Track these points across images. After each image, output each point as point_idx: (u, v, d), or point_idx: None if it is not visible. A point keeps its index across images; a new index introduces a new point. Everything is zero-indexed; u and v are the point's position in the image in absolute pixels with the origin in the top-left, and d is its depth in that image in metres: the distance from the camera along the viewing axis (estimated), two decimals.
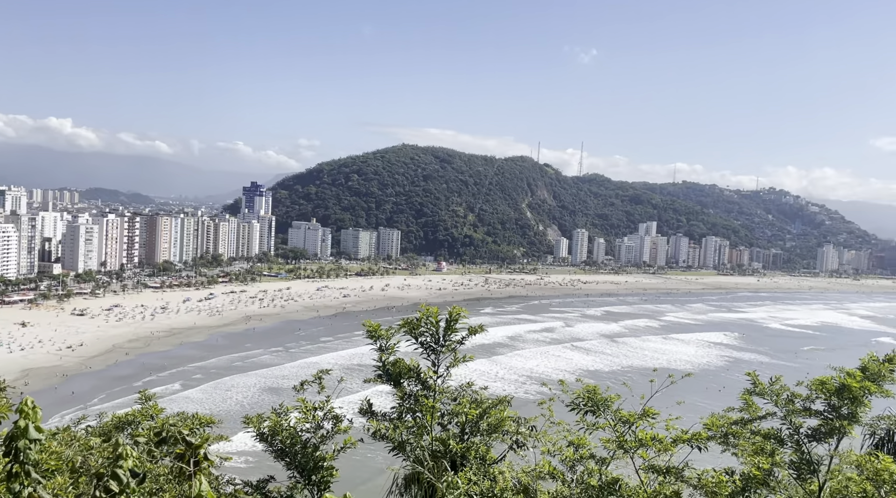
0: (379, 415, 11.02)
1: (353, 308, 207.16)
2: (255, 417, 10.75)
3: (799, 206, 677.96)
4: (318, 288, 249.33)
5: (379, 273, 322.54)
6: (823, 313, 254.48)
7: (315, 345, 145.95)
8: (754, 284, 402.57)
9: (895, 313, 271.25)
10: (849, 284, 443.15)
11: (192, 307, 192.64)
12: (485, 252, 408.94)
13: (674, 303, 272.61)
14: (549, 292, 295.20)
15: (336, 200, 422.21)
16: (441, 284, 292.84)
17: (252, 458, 58.12)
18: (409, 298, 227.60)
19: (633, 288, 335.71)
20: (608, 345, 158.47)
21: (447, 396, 11.11)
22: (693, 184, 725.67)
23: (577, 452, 10.84)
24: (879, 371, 10.35)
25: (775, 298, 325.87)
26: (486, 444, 10.52)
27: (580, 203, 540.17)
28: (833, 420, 10.18)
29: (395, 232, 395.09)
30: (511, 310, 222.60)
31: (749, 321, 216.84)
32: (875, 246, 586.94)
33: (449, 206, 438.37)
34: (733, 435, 10.97)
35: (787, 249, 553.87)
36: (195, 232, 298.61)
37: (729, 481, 10.19)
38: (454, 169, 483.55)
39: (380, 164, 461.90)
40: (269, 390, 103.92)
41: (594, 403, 11.19)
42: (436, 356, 11.04)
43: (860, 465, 9.68)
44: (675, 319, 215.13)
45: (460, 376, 11.78)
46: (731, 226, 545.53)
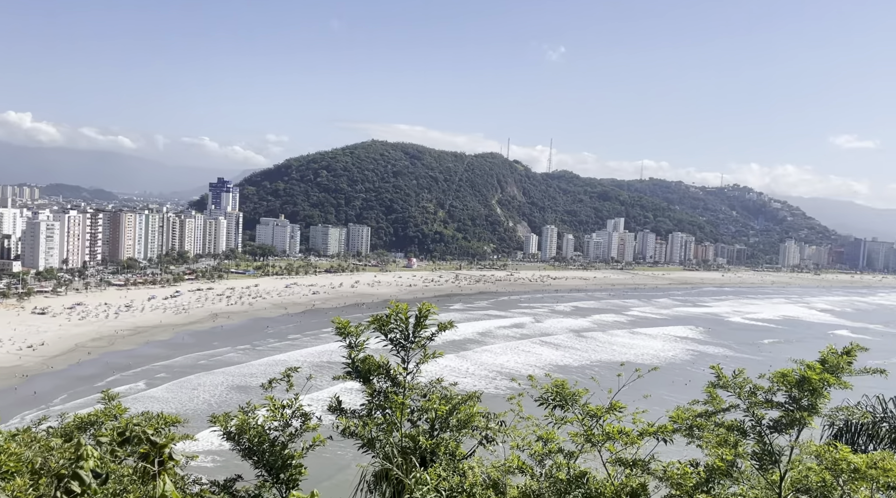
0: (348, 412, 10.97)
1: (322, 305, 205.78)
2: (221, 415, 10.62)
3: (762, 203, 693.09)
4: (287, 285, 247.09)
5: (349, 270, 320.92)
6: (785, 307, 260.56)
7: (283, 342, 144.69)
8: (719, 279, 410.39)
9: (852, 307, 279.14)
10: (809, 279, 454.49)
11: (158, 305, 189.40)
12: (455, 248, 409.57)
13: (641, 298, 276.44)
14: (518, 288, 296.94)
15: (305, 197, 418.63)
16: (411, 281, 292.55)
17: (219, 457, 57.41)
18: (379, 295, 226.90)
19: (601, 283, 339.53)
20: (577, 340, 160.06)
21: (417, 393, 11.10)
22: (660, 180, 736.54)
23: (545, 447, 10.93)
24: (838, 363, 10.62)
25: (739, 292, 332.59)
26: (456, 439, 10.54)
27: (549, 199, 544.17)
28: (794, 411, 10.42)
29: (364, 228, 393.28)
30: (481, 306, 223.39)
31: (714, 316, 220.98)
32: (834, 241, 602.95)
33: (419, 203, 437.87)
34: (698, 427, 11.16)
35: (750, 244, 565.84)
36: (160, 228, 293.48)
37: (693, 473, 10.37)
38: (424, 165, 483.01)
39: (349, 160, 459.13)
40: (236, 389, 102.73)
41: (562, 398, 11.29)
42: (405, 353, 11.02)
43: (819, 455, 9.92)
44: (642, 314, 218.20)
45: (430, 372, 11.79)
46: (696, 222, 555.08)
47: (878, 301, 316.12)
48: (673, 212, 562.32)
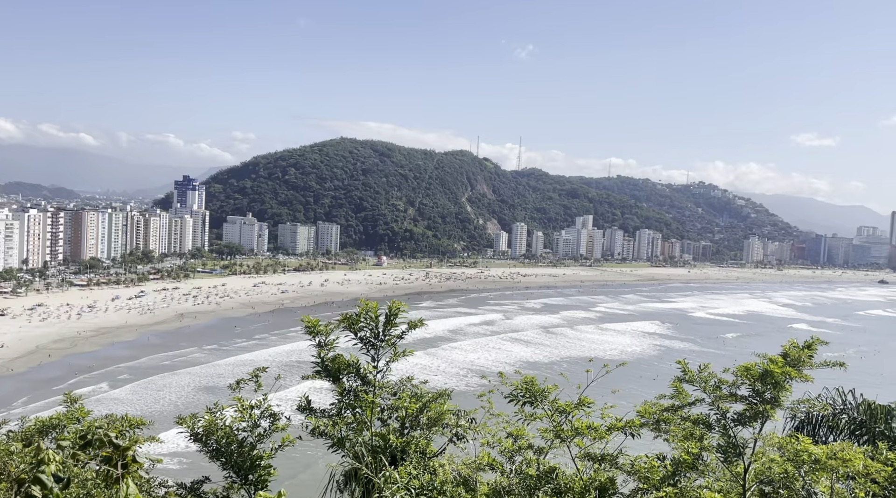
0: (318, 411, 10.89)
1: (291, 304, 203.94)
2: (188, 416, 10.46)
3: (727, 200, 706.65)
4: (255, 284, 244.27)
5: (318, 268, 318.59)
6: (749, 302, 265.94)
7: (252, 342, 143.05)
8: (685, 276, 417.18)
9: (812, 301, 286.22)
10: (772, 275, 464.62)
11: (122, 305, 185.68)
12: (425, 246, 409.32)
13: (609, 294, 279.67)
14: (489, 286, 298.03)
15: (273, 194, 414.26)
16: (381, 279, 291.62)
17: (186, 459, 56.58)
18: (349, 294, 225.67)
19: (570, 280, 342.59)
20: (547, 336, 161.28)
21: (387, 391, 11.08)
22: (627, 178, 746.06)
23: (515, 443, 11.00)
24: (799, 357, 10.89)
25: (705, 288, 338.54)
26: (427, 437, 10.55)
27: (519, 197, 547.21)
28: (757, 405, 10.65)
29: (334, 226, 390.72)
30: (452, 303, 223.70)
31: (680, 311, 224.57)
32: (796, 237, 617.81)
33: (389, 201, 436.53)
34: (664, 421, 11.34)
35: (715, 241, 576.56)
36: (124, 227, 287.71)
37: (660, 466, 10.54)
38: (394, 163, 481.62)
39: (318, 158, 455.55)
40: (204, 389, 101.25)
41: (532, 394, 11.38)
42: (375, 351, 10.98)
43: (782, 446, 10.16)
44: (610, 310, 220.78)
45: (401, 371, 11.78)
46: (663, 219, 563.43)
47: (836, 296, 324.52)
48: (640, 209, 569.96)
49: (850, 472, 9.66)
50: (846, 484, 10.13)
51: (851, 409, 15.23)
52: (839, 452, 9.62)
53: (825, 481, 9.89)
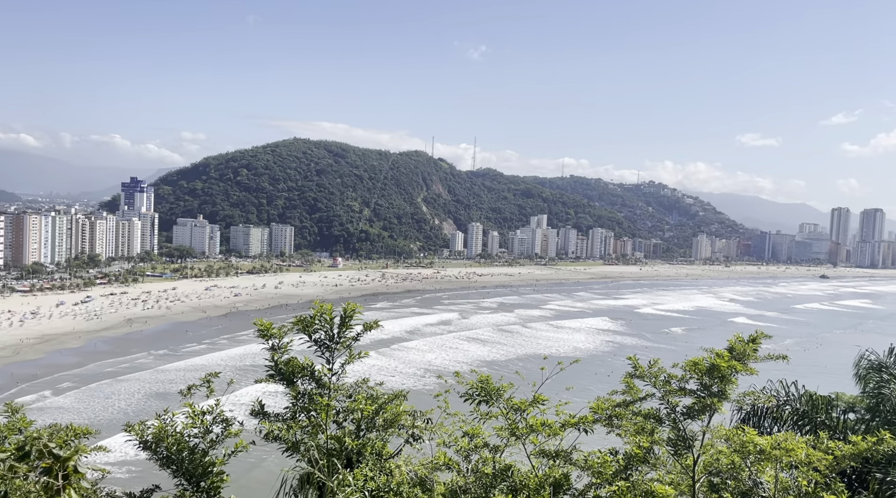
0: (271, 416, 10.73)
1: (244, 307, 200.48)
2: (137, 424, 10.18)
3: (676, 199, 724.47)
4: (207, 287, 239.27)
5: (272, 270, 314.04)
6: (697, 298, 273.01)
7: (204, 346, 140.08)
8: (637, 273, 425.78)
9: (757, 296, 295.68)
10: (720, 271, 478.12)
11: (67, 311, 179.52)
12: (381, 247, 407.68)
13: (564, 292, 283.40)
14: (445, 285, 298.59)
15: (224, 196, 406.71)
16: (337, 281, 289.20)
17: (135, 467, 55.15)
18: (304, 296, 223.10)
19: (526, 279, 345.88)
20: (502, 335, 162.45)
21: (342, 394, 10.98)
22: (580, 178, 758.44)
23: (471, 442, 11.05)
24: (744, 351, 11.23)
25: (655, 285, 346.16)
26: (383, 439, 10.51)
27: (474, 197, 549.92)
28: (705, 398, 10.93)
29: (288, 228, 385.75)
30: (408, 304, 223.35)
31: (632, 308, 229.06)
32: (742, 235, 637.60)
33: (344, 201, 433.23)
34: (617, 417, 11.55)
35: (665, 238, 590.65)
36: (69, 231, 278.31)
37: (613, 461, 10.73)
38: (348, 163, 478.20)
39: (270, 159, 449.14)
40: (155, 396, 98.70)
41: (487, 393, 11.46)
42: (330, 354, 10.88)
43: (729, 438, 10.47)
44: (564, 308, 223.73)
45: (357, 372, 11.71)
46: (615, 218, 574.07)
47: (779, 290, 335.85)
48: (593, 208, 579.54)
49: (794, 461, 10.01)
50: (790, 473, 10.49)
51: (794, 400, 15.82)
52: (783, 443, 9.96)
53: (770, 471, 10.23)
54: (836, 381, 25.05)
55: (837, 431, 14.53)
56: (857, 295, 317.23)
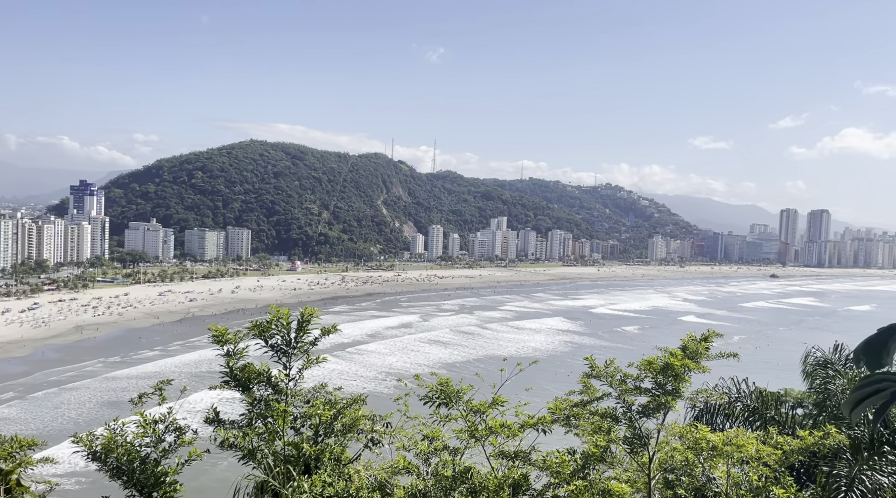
0: (227, 423, 10.53)
1: (200, 313, 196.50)
2: (85, 434, 9.87)
3: (632, 201, 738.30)
4: (161, 293, 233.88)
5: (228, 275, 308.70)
6: (653, 298, 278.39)
7: (157, 352, 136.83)
8: (595, 274, 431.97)
9: (708, 295, 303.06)
10: (675, 271, 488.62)
11: (13, 319, 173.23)
12: (341, 250, 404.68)
13: (524, 294, 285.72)
14: (406, 288, 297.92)
15: (179, 199, 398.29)
16: (296, 284, 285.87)
17: (85, 478, 53.64)
18: (262, 300, 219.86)
19: (486, 281, 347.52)
20: (463, 337, 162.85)
21: (300, 399, 10.86)
22: (539, 180, 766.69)
23: (431, 445, 11.03)
24: (697, 349, 11.49)
25: (613, 285, 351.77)
26: (341, 444, 10.42)
27: (435, 199, 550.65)
28: (660, 396, 11.15)
29: (244, 231, 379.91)
30: (369, 307, 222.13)
31: (590, 308, 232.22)
32: (696, 236, 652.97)
33: (302, 204, 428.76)
34: (574, 416, 11.68)
35: (622, 240, 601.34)
36: (14, 236, 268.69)
37: (571, 460, 10.85)
38: (306, 166, 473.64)
39: (226, 161, 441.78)
40: (106, 404, 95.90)
41: (447, 396, 11.46)
42: (287, 359, 10.74)
43: (683, 435, 10.70)
44: (524, 309, 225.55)
45: (316, 377, 11.59)
46: (573, 220, 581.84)
47: (731, 290, 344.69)
48: (552, 210, 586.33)
49: (745, 456, 10.28)
50: (741, 468, 10.78)
51: (745, 397, 16.25)
52: (734, 439, 10.23)
53: (722, 467, 10.48)
54: (785, 377, 25.84)
55: (786, 427, 14.97)
56: (804, 293, 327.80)
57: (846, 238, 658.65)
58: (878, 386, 2.31)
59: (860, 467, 12.99)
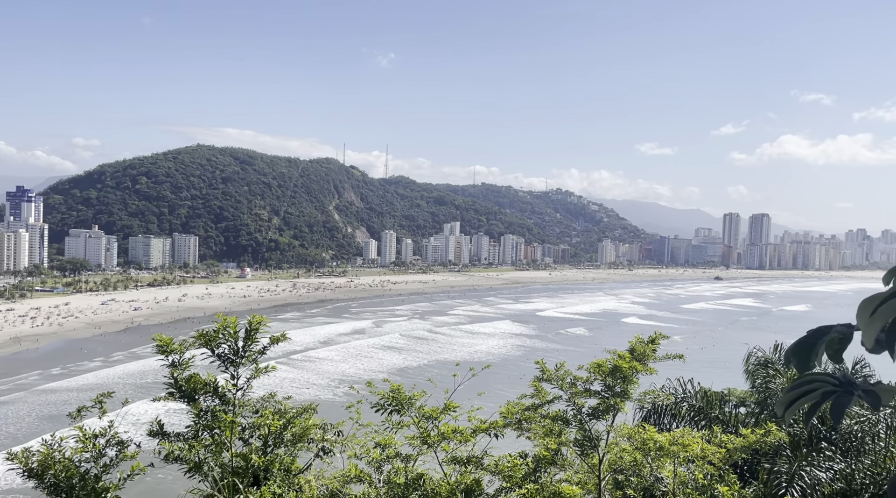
0: (172, 435, 10.24)
1: (145, 322, 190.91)
2: (20, 451, 9.45)
3: (582, 206, 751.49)
4: (104, 302, 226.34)
5: (175, 283, 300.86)
6: (603, 301, 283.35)
7: (98, 363, 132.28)
8: (547, 278, 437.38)
9: (655, 298, 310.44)
10: (624, 274, 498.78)
11: None
12: (292, 256, 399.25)
13: (477, 298, 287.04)
14: (359, 294, 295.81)
15: (122, 205, 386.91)
16: (246, 292, 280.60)
17: (23, 495, 51.47)
18: (210, 308, 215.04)
19: (440, 286, 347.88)
20: (417, 342, 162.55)
21: (249, 409, 10.63)
22: (491, 185, 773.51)
23: (383, 453, 10.96)
24: (644, 352, 11.73)
25: (564, 289, 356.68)
26: (292, 454, 10.25)
27: (387, 205, 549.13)
28: (609, 398, 11.33)
29: (192, 238, 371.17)
30: (321, 313, 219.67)
31: (542, 312, 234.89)
32: (644, 239, 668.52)
33: (252, 210, 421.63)
34: (526, 420, 11.77)
35: (573, 244, 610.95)
36: None
37: (522, 464, 10.93)
38: (256, 171, 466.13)
39: (172, 166, 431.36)
40: (46, 418, 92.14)
41: (399, 402, 11.40)
42: (235, 368, 10.51)
43: (631, 436, 10.90)
44: (478, 314, 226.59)
45: (267, 386, 11.37)
46: (525, 224, 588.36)
47: (677, 292, 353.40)
48: (504, 215, 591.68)
49: (690, 455, 10.53)
50: (687, 467, 11.03)
51: (691, 397, 16.68)
52: (680, 439, 10.48)
53: (669, 466, 10.72)
54: (729, 377, 26.62)
55: (730, 425, 15.42)
56: (746, 294, 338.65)
57: (785, 241, 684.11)
58: (809, 387, 2.37)
59: (799, 463, 13.47)
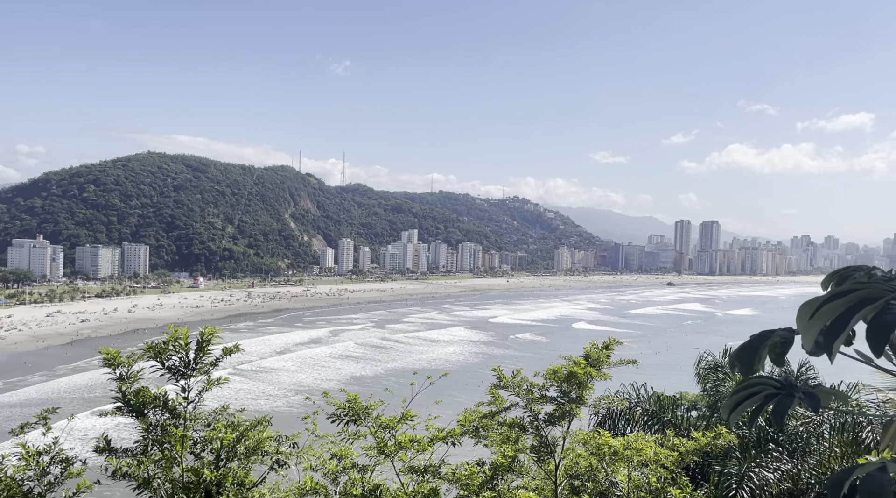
0: (119, 451, 9.94)
1: (93, 334, 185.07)
2: None
3: (538, 213, 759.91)
4: (49, 314, 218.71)
5: (125, 293, 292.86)
6: (559, 307, 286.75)
7: (41, 377, 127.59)
8: (504, 285, 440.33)
9: (608, 303, 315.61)
10: (580, 281, 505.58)
11: None
12: (247, 265, 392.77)
13: (435, 306, 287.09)
14: (316, 303, 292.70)
15: (69, 214, 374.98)
16: (199, 302, 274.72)
17: None
18: (162, 319, 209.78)
19: (398, 294, 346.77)
20: (374, 351, 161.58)
21: (200, 423, 10.39)
22: (448, 193, 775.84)
23: (339, 464, 10.84)
24: (599, 357, 11.90)
25: (521, 296, 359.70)
26: (245, 468, 10.06)
27: (344, 212, 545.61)
28: (564, 404, 11.44)
29: (142, 247, 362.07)
30: (277, 323, 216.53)
31: (500, 319, 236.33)
32: (599, 246, 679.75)
33: (205, 218, 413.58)
34: (483, 428, 11.80)
35: (530, 251, 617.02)
36: None
37: (479, 472, 10.94)
38: (209, 178, 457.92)
39: (121, 174, 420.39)
40: None
41: (355, 412, 11.30)
42: (186, 381, 10.27)
43: (586, 442, 11.02)
44: (436, 322, 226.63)
45: (221, 398, 11.14)
46: (483, 232, 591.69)
47: (630, 297, 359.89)
48: (462, 223, 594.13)
49: (644, 459, 10.71)
50: (641, 471, 11.21)
51: (644, 401, 16.98)
52: (633, 443, 10.65)
53: (623, 470, 10.87)
54: (681, 381, 27.21)
55: (682, 429, 15.75)
56: (696, 299, 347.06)
57: (734, 247, 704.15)
58: (752, 390, 2.42)
59: (748, 465, 13.83)
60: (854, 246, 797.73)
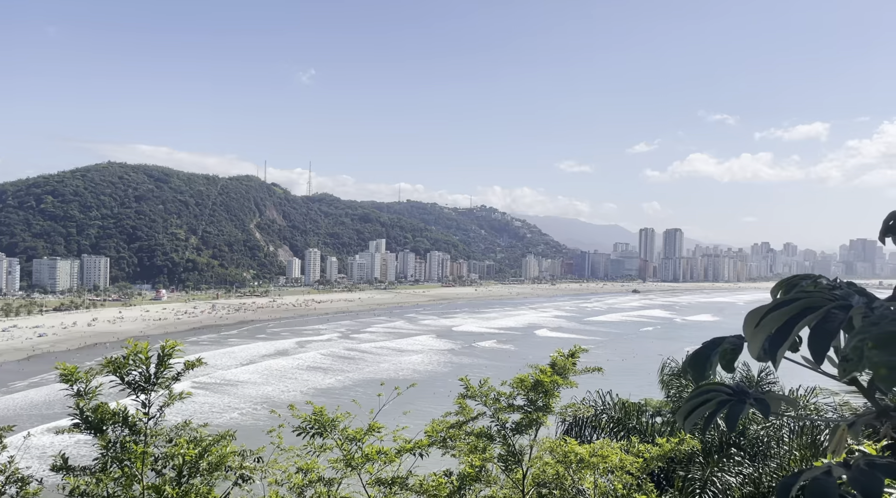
0: (77, 469, 9.68)
1: (51, 349, 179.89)
2: None
3: (505, 222, 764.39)
4: (4, 328, 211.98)
5: (84, 307, 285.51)
6: (527, 315, 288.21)
7: None
8: (472, 294, 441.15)
9: (575, 311, 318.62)
10: (547, 289, 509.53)
11: None
12: (211, 277, 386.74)
13: (403, 316, 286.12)
14: (282, 314, 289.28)
15: (25, 226, 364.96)
16: (161, 314, 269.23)
17: None
18: (123, 333, 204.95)
19: (366, 304, 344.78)
20: (342, 361, 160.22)
21: (161, 439, 10.18)
22: (416, 202, 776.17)
23: (305, 478, 10.72)
24: (565, 365, 11.99)
25: (490, 304, 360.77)
26: (208, 484, 9.87)
27: (311, 222, 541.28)
28: (531, 413, 11.50)
29: (102, 259, 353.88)
30: (242, 335, 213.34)
31: (468, 328, 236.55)
32: (565, 254, 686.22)
33: (167, 229, 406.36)
34: (451, 438, 11.78)
35: (498, 260, 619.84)
36: None
37: (447, 483, 10.91)
38: (172, 189, 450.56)
39: (80, 184, 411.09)
40: None
41: (321, 425, 11.19)
42: (147, 396, 10.05)
43: (553, 450, 11.08)
44: (404, 331, 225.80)
45: (185, 413, 10.95)
46: (451, 241, 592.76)
47: (596, 305, 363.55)
48: (430, 232, 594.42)
49: (610, 466, 10.81)
50: (607, 478, 11.31)
51: (610, 408, 17.15)
52: (599, 450, 10.74)
53: (590, 478, 10.95)
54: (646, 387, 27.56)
55: (647, 435, 15.94)
56: (659, 306, 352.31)
57: (697, 254, 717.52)
58: (706, 396, 2.46)
59: (711, 470, 14.07)
60: (812, 252, 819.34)
